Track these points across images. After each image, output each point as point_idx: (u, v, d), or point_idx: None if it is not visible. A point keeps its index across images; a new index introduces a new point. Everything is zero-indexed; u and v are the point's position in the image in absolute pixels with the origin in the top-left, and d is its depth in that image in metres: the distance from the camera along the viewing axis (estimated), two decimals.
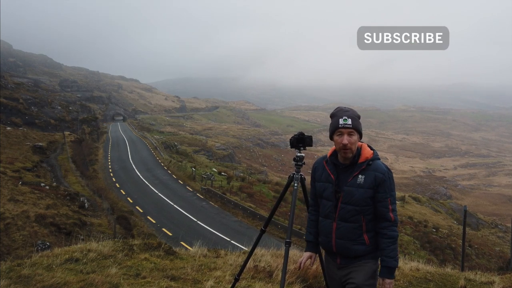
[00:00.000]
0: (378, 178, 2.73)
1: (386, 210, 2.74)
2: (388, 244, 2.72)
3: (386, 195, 2.74)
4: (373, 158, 2.80)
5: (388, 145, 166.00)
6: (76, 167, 35.42)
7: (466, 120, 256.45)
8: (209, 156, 69.24)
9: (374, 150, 2.88)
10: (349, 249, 2.81)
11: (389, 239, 2.73)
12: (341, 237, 2.82)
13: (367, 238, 2.79)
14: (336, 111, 2.86)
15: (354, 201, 2.75)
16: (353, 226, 2.78)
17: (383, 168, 2.77)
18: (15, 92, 53.75)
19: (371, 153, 2.82)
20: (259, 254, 5.58)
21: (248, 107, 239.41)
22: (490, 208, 71.78)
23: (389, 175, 2.77)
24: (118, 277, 4.32)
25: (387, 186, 2.74)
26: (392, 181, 2.79)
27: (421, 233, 33.54)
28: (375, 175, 2.74)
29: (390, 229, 2.74)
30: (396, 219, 2.76)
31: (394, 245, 2.73)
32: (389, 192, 2.75)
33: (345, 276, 2.87)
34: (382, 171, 2.75)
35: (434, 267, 5.87)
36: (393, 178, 2.81)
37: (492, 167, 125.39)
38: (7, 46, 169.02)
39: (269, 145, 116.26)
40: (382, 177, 2.74)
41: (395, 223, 2.76)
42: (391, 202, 2.75)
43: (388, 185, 2.75)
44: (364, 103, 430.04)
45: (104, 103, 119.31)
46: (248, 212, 26.82)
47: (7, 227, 14.03)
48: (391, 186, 2.76)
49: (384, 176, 2.74)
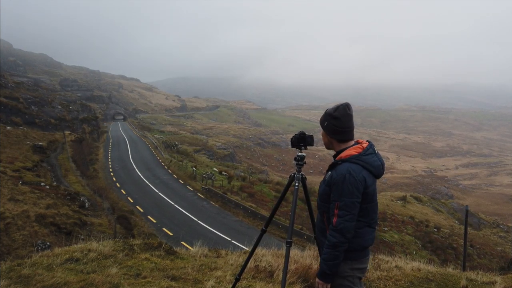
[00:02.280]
0: (333, 178, 2.74)
1: (332, 213, 2.71)
2: (326, 246, 2.72)
3: (335, 197, 2.70)
4: (345, 160, 2.77)
5: (389, 144, 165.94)
6: (77, 166, 35.42)
7: (467, 119, 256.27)
8: (209, 156, 69.25)
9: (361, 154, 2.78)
10: (319, 238, 3.00)
11: (327, 241, 2.71)
12: (316, 227, 3.05)
13: None
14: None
15: (319, 195, 2.89)
16: (320, 219, 2.94)
17: (342, 171, 2.70)
18: (15, 92, 53.78)
19: (349, 155, 2.78)
20: (260, 254, 5.56)
21: (249, 107, 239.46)
22: (491, 208, 71.71)
23: (344, 180, 2.67)
24: (119, 277, 4.31)
25: (338, 189, 2.68)
26: (347, 187, 2.66)
27: (423, 233, 33.52)
28: (332, 175, 2.77)
29: (330, 233, 2.70)
30: (339, 225, 2.65)
31: (329, 249, 2.67)
32: (339, 197, 2.68)
33: None
34: (339, 173, 2.71)
35: (435, 267, 5.85)
36: (350, 184, 2.66)
37: (494, 167, 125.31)
38: (7, 45, 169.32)
39: (270, 144, 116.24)
40: (336, 178, 2.71)
41: (337, 229, 2.65)
42: (339, 207, 2.67)
43: (340, 189, 2.67)
44: (365, 103, 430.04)
45: (105, 102, 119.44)
46: (249, 212, 26.81)
47: (7, 226, 14.02)
48: (343, 192, 2.66)
49: (338, 179, 2.69)
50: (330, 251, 2.67)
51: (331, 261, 2.67)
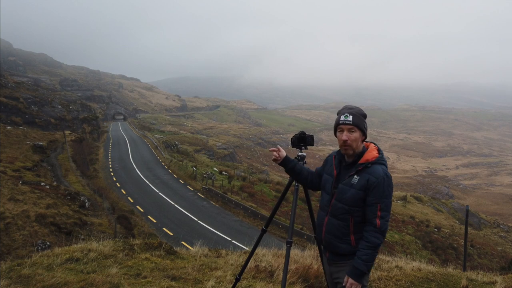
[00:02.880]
0: (371, 181, 2.69)
1: (374, 215, 2.69)
2: (365, 247, 2.69)
3: (376, 200, 2.68)
4: (373, 162, 2.77)
5: (389, 144, 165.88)
6: (77, 166, 35.40)
7: (468, 119, 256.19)
8: (210, 156, 69.22)
9: (381, 154, 2.83)
10: (334, 246, 2.84)
11: (368, 243, 2.68)
12: (329, 232, 2.86)
13: (353, 239, 2.78)
14: (341, 109, 2.90)
15: (344, 200, 2.76)
16: (341, 224, 2.79)
17: (379, 173, 2.71)
18: (15, 91, 53.76)
19: (375, 157, 2.79)
20: (260, 254, 5.56)
21: (249, 106, 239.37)
22: (492, 207, 71.69)
23: (385, 182, 2.70)
24: (119, 277, 4.30)
25: (379, 191, 2.68)
26: (387, 188, 2.70)
27: (423, 233, 33.48)
28: (369, 178, 2.71)
29: (372, 235, 2.69)
30: (382, 226, 2.68)
31: (371, 250, 2.67)
32: (380, 198, 2.68)
33: (335, 273, 2.93)
34: (377, 175, 2.70)
35: (436, 267, 5.84)
36: (389, 185, 2.72)
37: (494, 167, 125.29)
38: (7, 45, 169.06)
39: (270, 144, 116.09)
40: (375, 181, 2.69)
41: (380, 231, 2.68)
42: (381, 209, 2.68)
43: (381, 191, 2.68)
44: (365, 102, 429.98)
45: (105, 102, 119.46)
46: (249, 212, 26.80)
47: (7, 226, 14.01)
48: (385, 193, 2.69)
49: (378, 181, 2.69)
50: (372, 252, 2.68)
51: (371, 262, 2.70)
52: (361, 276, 2.69)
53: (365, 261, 2.67)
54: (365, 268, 2.67)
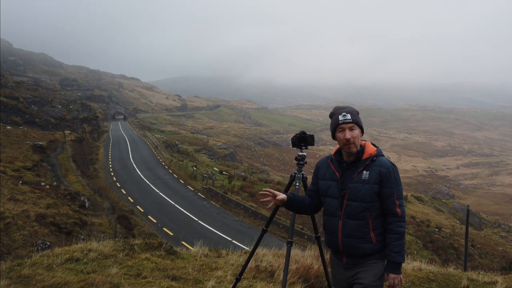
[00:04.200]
0: (383, 173, 2.74)
1: (393, 205, 2.74)
2: (394, 239, 2.72)
3: (392, 190, 2.74)
4: (377, 154, 2.83)
5: (390, 144, 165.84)
6: (77, 166, 35.42)
7: (468, 119, 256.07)
8: (210, 155, 69.20)
9: (378, 147, 2.90)
10: (355, 248, 2.78)
11: (395, 234, 2.72)
12: (347, 235, 2.80)
13: (373, 236, 2.77)
14: (334, 110, 2.91)
15: (360, 198, 2.75)
16: (360, 224, 2.77)
17: (387, 163, 2.78)
18: (15, 91, 53.78)
19: (375, 150, 2.85)
20: (261, 254, 5.55)
21: (249, 106, 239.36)
22: (493, 207, 71.64)
23: (394, 170, 2.78)
24: (119, 277, 4.30)
25: (392, 181, 2.74)
26: (398, 176, 2.79)
27: (424, 233, 33.43)
28: (380, 170, 2.75)
29: (397, 224, 2.74)
30: (403, 214, 2.76)
31: (400, 240, 2.73)
32: (395, 187, 2.75)
33: (353, 276, 2.85)
34: (386, 166, 2.76)
35: (436, 267, 5.83)
36: (398, 173, 2.82)
37: (495, 167, 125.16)
38: (7, 44, 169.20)
39: (270, 144, 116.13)
40: (386, 172, 2.74)
41: (402, 218, 2.75)
42: (398, 197, 2.75)
43: (393, 180, 2.75)
44: (366, 102, 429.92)
45: (105, 102, 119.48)
46: (250, 212, 26.80)
47: (7, 226, 14.01)
48: (397, 181, 2.77)
49: (389, 171, 2.75)
50: (401, 241, 2.73)
51: (404, 251, 2.76)
52: (400, 267, 2.75)
53: (399, 252, 2.71)
54: (402, 259, 2.73)
